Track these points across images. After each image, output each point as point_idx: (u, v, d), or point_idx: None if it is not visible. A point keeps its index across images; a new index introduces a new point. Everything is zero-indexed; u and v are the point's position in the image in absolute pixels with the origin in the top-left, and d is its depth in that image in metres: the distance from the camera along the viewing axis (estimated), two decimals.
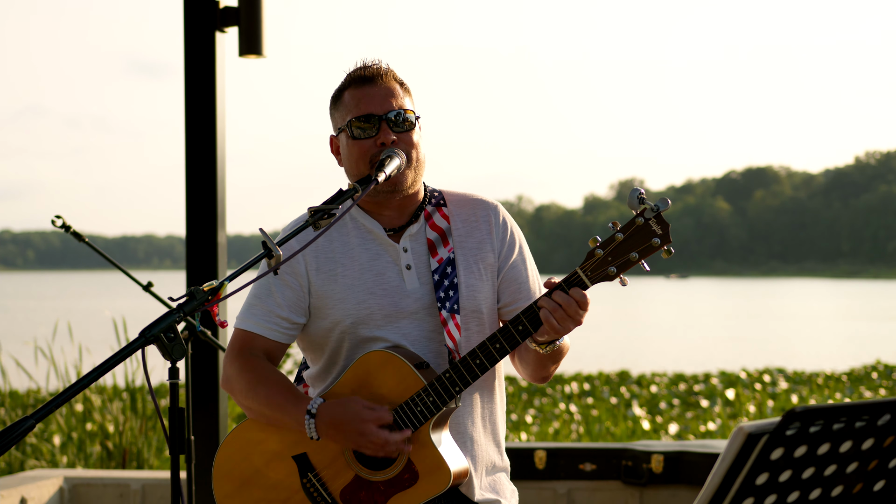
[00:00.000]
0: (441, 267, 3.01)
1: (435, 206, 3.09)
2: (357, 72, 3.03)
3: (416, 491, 2.91)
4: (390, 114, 2.96)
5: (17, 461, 8.03)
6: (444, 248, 3.03)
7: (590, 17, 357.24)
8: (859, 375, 16.81)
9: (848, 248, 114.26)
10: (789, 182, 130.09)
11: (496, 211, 3.11)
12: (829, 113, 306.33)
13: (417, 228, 3.05)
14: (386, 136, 2.94)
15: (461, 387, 2.87)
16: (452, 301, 2.98)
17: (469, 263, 3.04)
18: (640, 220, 2.70)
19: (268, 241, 2.45)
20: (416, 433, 2.90)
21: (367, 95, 2.98)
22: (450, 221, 3.08)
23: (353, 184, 2.77)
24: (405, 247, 3.03)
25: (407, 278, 3.01)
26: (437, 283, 2.99)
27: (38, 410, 2.21)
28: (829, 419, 1.85)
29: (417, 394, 2.89)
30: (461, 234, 3.07)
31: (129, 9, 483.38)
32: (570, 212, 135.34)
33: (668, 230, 2.71)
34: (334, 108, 3.06)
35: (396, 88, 3.00)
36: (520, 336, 2.84)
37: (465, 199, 3.13)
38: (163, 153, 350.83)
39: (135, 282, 4.52)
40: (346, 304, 2.99)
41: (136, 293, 4.66)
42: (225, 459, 3.06)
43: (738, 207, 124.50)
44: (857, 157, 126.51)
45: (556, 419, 11.89)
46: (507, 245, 3.10)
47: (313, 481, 2.98)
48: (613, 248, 2.73)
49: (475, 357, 2.86)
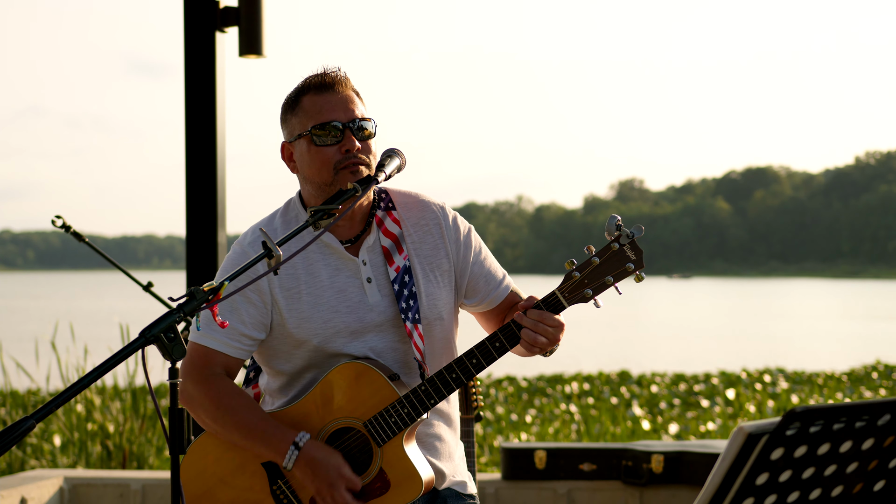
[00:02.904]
0: (399, 276, 3.01)
1: (385, 210, 3.07)
2: (316, 78, 2.99)
3: (387, 499, 2.95)
4: (354, 122, 2.95)
5: (17, 461, 8.03)
6: (400, 256, 3.03)
7: (590, 17, 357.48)
8: (859, 375, 16.81)
9: (848, 248, 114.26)
10: (789, 182, 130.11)
11: (444, 213, 3.10)
12: (829, 113, 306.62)
13: (373, 239, 3.03)
14: (351, 144, 2.92)
15: (436, 399, 2.92)
16: (414, 311, 2.99)
17: (426, 271, 3.05)
18: (615, 246, 2.84)
19: (268, 241, 2.45)
20: (388, 443, 2.93)
21: (328, 102, 2.95)
22: (401, 226, 3.06)
23: (352, 184, 2.77)
24: (364, 259, 3.02)
25: (369, 292, 3.00)
26: (398, 294, 2.99)
27: (39, 410, 2.20)
28: (829, 419, 1.86)
29: (392, 405, 2.92)
30: (414, 240, 3.06)
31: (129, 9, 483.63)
32: (570, 212, 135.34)
33: (642, 256, 2.85)
34: (290, 114, 3.01)
35: (354, 97, 2.99)
36: (496, 353, 2.91)
37: (413, 200, 3.11)
38: (163, 153, 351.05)
39: (135, 282, 4.52)
40: (311, 324, 2.98)
41: (137, 293, 4.67)
42: (189, 467, 3.05)
43: (738, 207, 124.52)
44: (857, 157, 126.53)
45: (556, 419, 11.89)
46: (463, 246, 3.10)
47: (283, 488, 3.00)
48: (590, 271, 2.86)
49: (451, 371, 2.91)
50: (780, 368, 17.59)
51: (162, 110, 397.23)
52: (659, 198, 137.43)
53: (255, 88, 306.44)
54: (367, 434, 2.94)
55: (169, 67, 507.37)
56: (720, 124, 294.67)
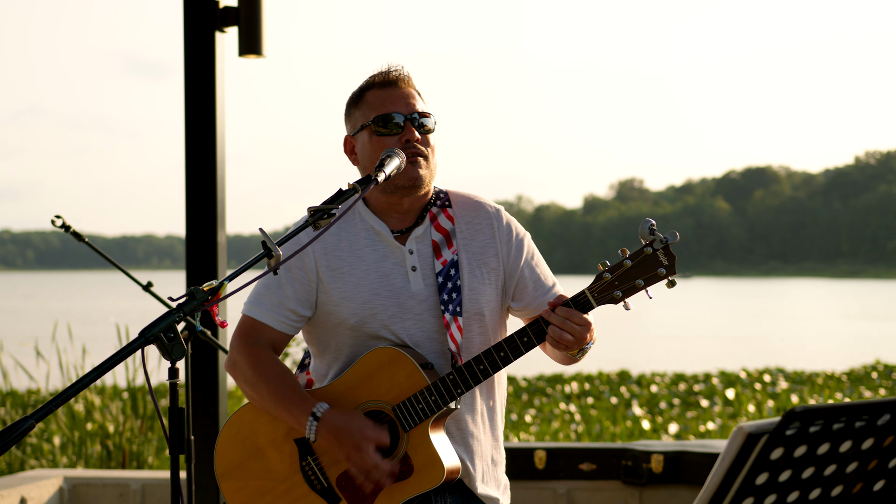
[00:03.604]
0: (445, 269, 3.08)
1: (440, 207, 3.16)
2: (380, 75, 3.12)
3: (410, 484, 3.00)
4: (415, 114, 3.06)
5: (17, 461, 8.03)
6: (449, 250, 3.10)
7: (590, 17, 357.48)
8: (859, 375, 16.81)
9: (848, 248, 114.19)
10: (789, 182, 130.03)
11: (499, 215, 3.19)
12: (829, 113, 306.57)
13: (423, 230, 3.12)
14: (411, 134, 3.04)
15: (463, 389, 2.98)
16: (455, 303, 3.06)
17: (473, 267, 3.12)
18: (648, 250, 2.88)
19: (268, 241, 2.45)
20: (415, 429, 2.99)
21: (390, 96, 3.08)
22: (454, 223, 3.15)
23: (352, 184, 2.78)
24: (411, 249, 3.10)
25: (412, 280, 3.08)
26: (441, 286, 3.06)
27: (38, 410, 2.21)
28: (829, 419, 1.86)
29: (420, 392, 2.98)
30: (465, 236, 3.14)
31: (129, 9, 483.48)
32: (569, 212, 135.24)
33: (675, 262, 2.88)
34: (354, 108, 3.13)
35: (416, 94, 3.12)
36: (524, 347, 2.97)
37: (469, 201, 3.20)
38: (163, 153, 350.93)
39: (135, 282, 4.52)
40: (351, 304, 3.06)
41: (136, 293, 4.67)
42: (228, 437, 3.14)
43: (738, 207, 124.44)
44: (857, 157, 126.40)
45: (556, 419, 11.89)
46: (515, 248, 3.18)
47: (312, 465, 3.06)
48: (621, 273, 2.90)
49: (479, 363, 2.98)
50: (779, 368, 17.58)
51: (162, 110, 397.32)
52: (659, 198, 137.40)
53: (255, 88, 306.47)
54: (395, 418, 3.01)
55: (169, 67, 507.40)
56: (720, 124, 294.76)
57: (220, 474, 3.15)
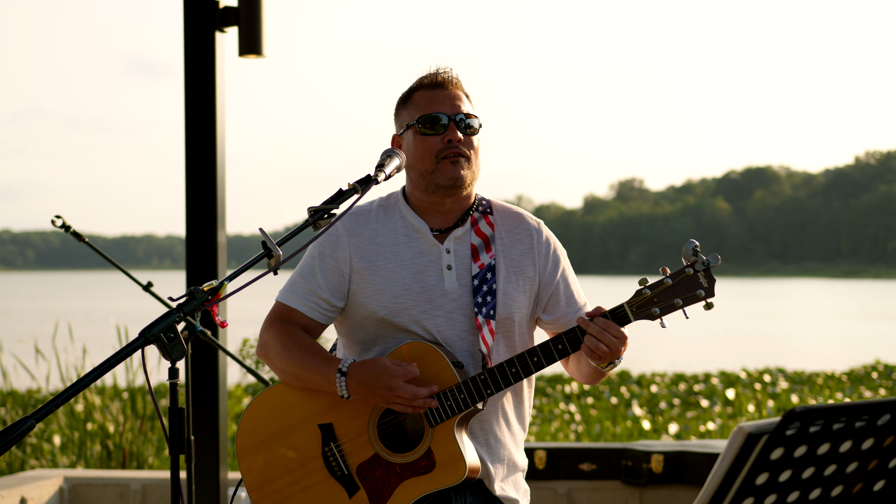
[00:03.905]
0: (482, 272, 3.13)
1: (482, 213, 3.22)
2: (430, 76, 3.18)
3: (430, 479, 3.03)
4: (459, 115, 3.12)
5: (17, 461, 8.03)
6: (487, 255, 3.16)
7: (590, 17, 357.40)
8: (859, 375, 16.81)
9: (848, 248, 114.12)
10: (789, 182, 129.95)
11: (539, 228, 3.26)
12: (829, 113, 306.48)
13: (462, 232, 3.17)
14: (454, 134, 3.09)
15: (493, 390, 3.02)
16: (489, 307, 3.11)
17: (509, 273, 3.17)
18: (689, 271, 2.96)
19: (268, 241, 2.45)
20: (440, 425, 3.03)
21: (437, 97, 3.14)
22: (494, 229, 3.21)
23: (352, 184, 2.78)
24: (448, 248, 3.16)
25: (446, 278, 3.13)
26: (476, 288, 3.11)
27: (38, 410, 2.21)
28: (829, 419, 1.85)
29: (450, 389, 3.02)
30: (505, 243, 3.20)
31: (129, 9, 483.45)
32: (569, 212, 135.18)
33: (714, 285, 2.95)
34: (402, 108, 3.20)
35: (463, 96, 3.17)
36: (558, 354, 3.03)
37: (511, 211, 3.27)
38: (163, 153, 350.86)
39: (135, 282, 4.52)
40: (381, 296, 3.10)
41: (136, 293, 4.67)
42: (253, 415, 3.19)
43: (738, 207, 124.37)
44: (857, 157, 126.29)
45: (556, 419, 11.89)
46: (551, 262, 3.23)
47: (334, 451, 3.10)
48: (660, 291, 2.97)
49: (512, 365, 3.03)
50: (779, 368, 17.58)
51: (162, 110, 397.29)
52: (659, 198, 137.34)
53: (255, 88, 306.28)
54: (422, 413, 3.03)
55: (169, 67, 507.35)
56: (720, 124, 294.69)
57: (240, 451, 3.20)
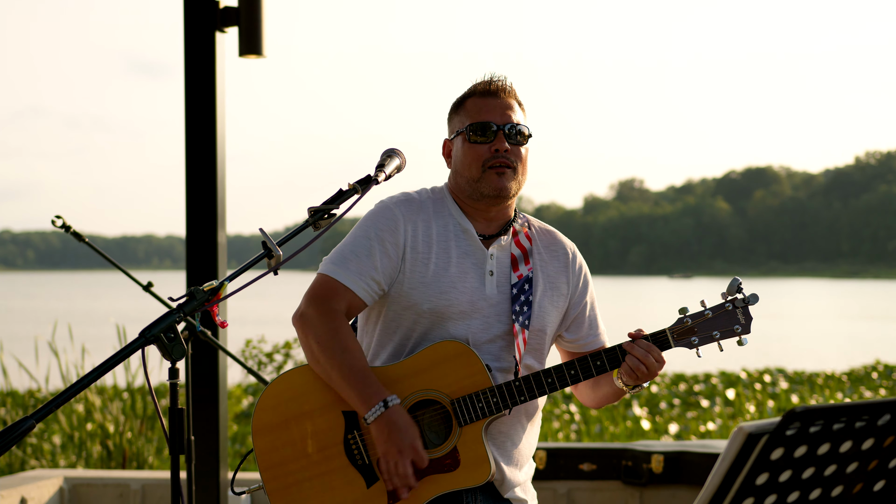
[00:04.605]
0: (520, 283, 3.17)
1: (521, 225, 3.26)
2: (483, 84, 3.21)
3: (452, 477, 3.06)
4: (508, 125, 3.15)
5: (17, 461, 8.03)
6: (525, 266, 3.20)
7: (589, 17, 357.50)
8: (859, 375, 16.80)
9: (848, 248, 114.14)
10: (789, 182, 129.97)
11: (574, 250, 3.33)
12: (829, 113, 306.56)
13: (506, 241, 3.21)
14: (501, 144, 3.13)
15: (526, 397, 3.08)
16: (525, 316, 3.15)
17: (546, 287, 3.22)
18: (728, 306, 3.11)
19: (268, 241, 2.45)
20: (469, 426, 3.06)
21: (488, 105, 3.16)
22: (532, 244, 3.25)
23: (352, 184, 2.78)
24: (492, 254, 3.18)
25: (487, 283, 3.16)
26: (515, 297, 3.15)
27: (39, 410, 2.21)
28: (829, 419, 1.85)
29: (483, 391, 3.06)
30: (543, 258, 3.25)
31: (129, 9, 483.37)
32: (569, 212, 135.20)
33: (750, 323, 3.11)
34: (454, 114, 3.23)
35: (515, 105, 3.20)
36: (595, 370, 3.11)
37: (547, 229, 3.34)
38: (163, 153, 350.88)
39: (135, 282, 4.52)
40: (428, 290, 3.11)
41: (136, 293, 4.67)
42: (273, 394, 3.12)
43: (738, 207, 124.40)
44: (857, 157, 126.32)
45: (556, 419, 11.89)
46: (582, 286, 3.30)
47: (357, 439, 3.08)
48: (700, 322, 3.12)
49: (548, 375, 3.09)
50: (780, 368, 17.58)
51: (162, 110, 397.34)
52: (659, 198, 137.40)
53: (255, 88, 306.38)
54: (452, 412, 3.06)
55: (169, 67, 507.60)
56: (720, 124, 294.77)
57: (256, 429, 3.12)
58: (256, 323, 21.71)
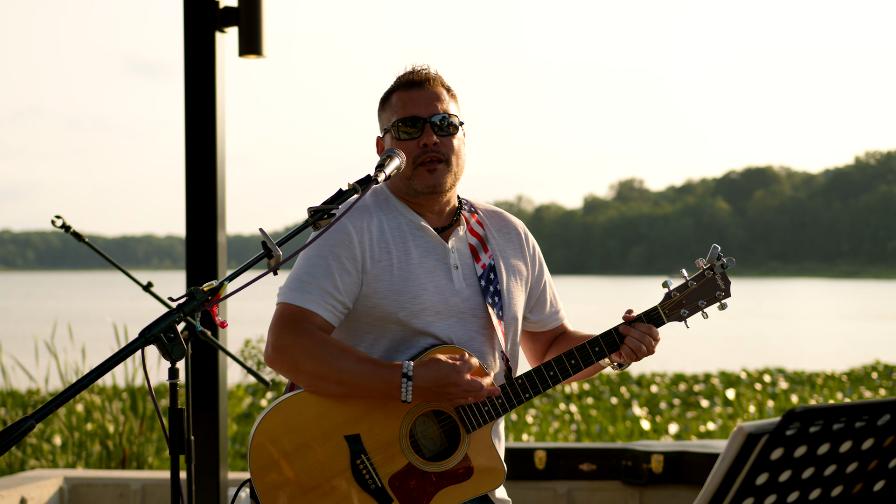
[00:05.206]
0: (485, 273, 3.11)
1: (469, 212, 3.19)
2: (406, 76, 3.11)
3: (469, 486, 2.99)
4: (434, 117, 3.05)
5: (17, 461, 8.03)
6: (485, 255, 3.14)
7: (590, 17, 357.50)
8: (859, 375, 16.80)
9: (848, 248, 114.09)
10: (789, 182, 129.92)
11: (525, 231, 3.28)
12: (829, 113, 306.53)
13: (462, 231, 3.14)
14: (429, 138, 3.03)
15: (531, 394, 3.03)
16: (499, 307, 3.09)
17: (509, 272, 3.17)
18: (709, 273, 3.14)
19: (268, 241, 2.45)
20: (477, 431, 3.00)
21: (413, 98, 3.06)
22: (484, 228, 3.19)
23: (352, 184, 2.77)
24: (453, 247, 3.11)
25: (455, 278, 3.08)
26: (485, 289, 3.08)
27: (38, 410, 2.21)
28: (829, 419, 1.85)
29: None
30: (498, 243, 3.19)
31: (129, 9, 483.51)
32: (569, 212, 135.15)
33: (729, 286, 3.15)
34: (381, 110, 3.14)
35: (443, 94, 3.09)
36: (595, 356, 3.06)
37: (495, 212, 3.26)
38: (163, 153, 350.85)
39: (135, 282, 4.52)
40: (400, 297, 3.01)
41: (136, 293, 4.66)
42: (267, 430, 2.94)
43: (738, 207, 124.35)
44: (857, 157, 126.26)
45: (556, 419, 11.89)
46: (538, 265, 3.26)
47: (366, 463, 2.95)
48: (687, 293, 3.13)
49: (550, 369, 3.04)
50: (779, 368, 17.58)
51: (162, 110, 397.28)
52: (659, 198, 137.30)
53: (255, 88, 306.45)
54: (458, 419, 2.99)
55: (169, 67, 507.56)
56: (720, 124, 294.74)
57: (255, 469, 2.94)
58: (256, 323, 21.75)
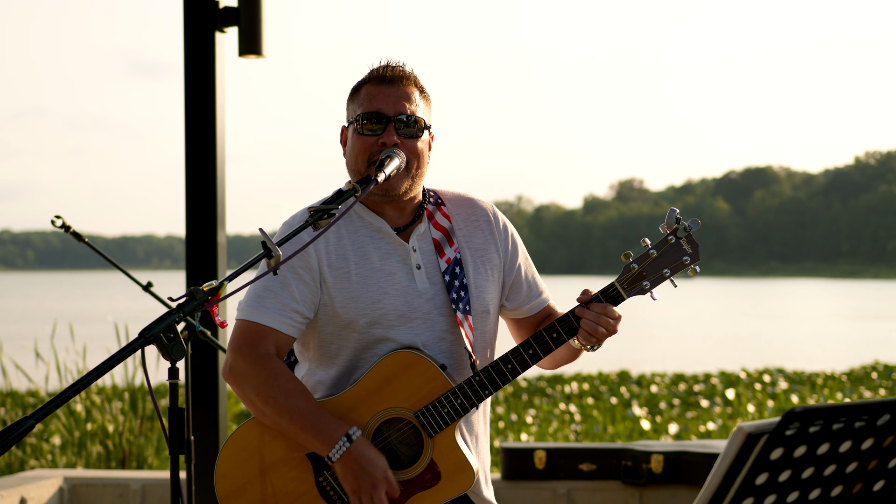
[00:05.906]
0: (450, 267, 3.01)
1: (435, 205, 3.09)
2: (380, 70, 3.00)
3: (438, 491, 2.93)
4: (400, 116, 2.93)
5: (17, 461, 8.03)
6: (451, 248, 3.03)
7: (589, 16, 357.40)
8: (859, 375, 16.80)
9: (848, 248, 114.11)
10: (789, 182, 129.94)
11: (494, 213, 3.14)
12: (829, 113, 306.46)
13: (424, 228, 3.03)
14: (389, 137, 2.92)
15: (491, 390, 2.93)
16: (465, 302, 2.99)
17: (476, 264, 3.06)
18: (671, 239, 2.92)
19: (268, 241, 2.45)
20: (440, 434, 2.92)
21: (382, 94, 2.95)
22: (451, 220, 3.08)
23: (352, 184, 2.76)
24: (414, 246, 3.01)
25: (418, 278, 2.99)
26: (449, 284, 2.99)
27: (38, 410, 2.20)
28: (828, 419, 1.85)
29: (445, 395, 2.91)
30: (465, 233, 3.08)
31: (129, 9, 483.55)
32: (569, 212, 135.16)
33: (698, 250, 2.93)
34: (350, 100, 3.03)
35: (413, 94, 2.98)
36: (553, 343, 2.93)
37: (462, 198, 3.14)
38: (163, 153, 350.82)
39: (135, 282, 4.52)
40: (360, 304, 2.94)
41: (136, 293, 4.66)
42: (228, 457, 2.95)
43: (738, 207, 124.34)
44: (857, 157, 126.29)
45: (556, 419, 11.89)
46: (512, 248, 3.13)
47: (330, 480, 2.93)
48: (647, 263, 2.92)
49: (507, 362, 2.93)
50: (779, 368, 17.58)
51: (162, 110, 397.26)
52: (659, 198, 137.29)
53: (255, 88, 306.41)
54: (419, 425, 2.92)
55: (169, 67, 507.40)
56: (720, 124, 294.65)
57: (223, 496, 2.94)
58: None
